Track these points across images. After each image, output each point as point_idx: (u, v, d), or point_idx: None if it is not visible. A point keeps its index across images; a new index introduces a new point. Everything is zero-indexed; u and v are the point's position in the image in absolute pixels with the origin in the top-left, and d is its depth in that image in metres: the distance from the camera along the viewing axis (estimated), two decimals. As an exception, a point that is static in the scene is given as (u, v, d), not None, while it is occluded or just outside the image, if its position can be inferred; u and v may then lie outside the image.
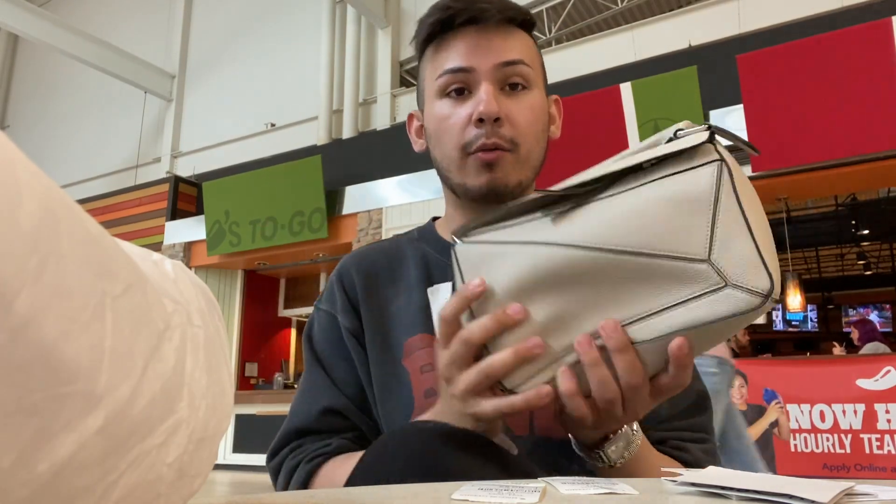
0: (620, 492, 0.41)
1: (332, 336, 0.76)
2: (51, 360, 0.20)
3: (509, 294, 0.53)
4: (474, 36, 0.71)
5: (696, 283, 0.47)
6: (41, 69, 11.09)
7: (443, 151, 0.74)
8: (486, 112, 0.68)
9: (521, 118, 0.71)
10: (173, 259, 0.31)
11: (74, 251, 0.21)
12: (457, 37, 0.72)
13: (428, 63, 0.75)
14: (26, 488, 0.20)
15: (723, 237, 0.47)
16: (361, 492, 0.44)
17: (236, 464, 6.70)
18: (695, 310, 0.48)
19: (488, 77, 0.70)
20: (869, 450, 3.94)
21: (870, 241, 11.13)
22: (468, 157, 0.71)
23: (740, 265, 0.46)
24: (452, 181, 0.75)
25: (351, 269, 0.79)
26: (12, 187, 0.19)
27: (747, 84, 4.58)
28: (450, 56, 0.72)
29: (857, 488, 0.40)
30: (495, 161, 0.70)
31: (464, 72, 0.71)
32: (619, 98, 5.02)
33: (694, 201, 0.47)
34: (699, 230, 0.47)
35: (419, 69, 0.79)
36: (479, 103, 0.69)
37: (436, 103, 0.74)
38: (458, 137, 0.71)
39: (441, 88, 0.73)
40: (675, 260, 0.47)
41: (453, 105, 0.72)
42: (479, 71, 0.71)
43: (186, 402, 0.27)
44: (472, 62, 0.71)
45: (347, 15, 7.83)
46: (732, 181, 0.48)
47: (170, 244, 7.63)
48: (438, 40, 0.74)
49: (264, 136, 8.21)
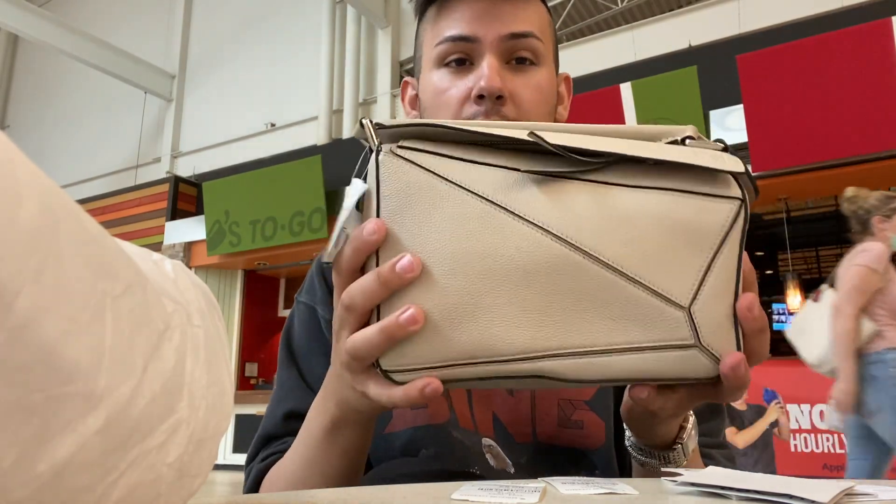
0: (620, 492, 0.41)
1: (311, 329, 0.71)
2: (51, 360, 0.20)
3: (442, 259, 0.39)
4: (482, 1, 0.63)
5: (664, 331, 0.39)
6: (41, 69, 11.09)
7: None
8: (488, 88, 0.61)
9: (527, 97, 0.64)
10: (173, 259, 0.31)
11: (74, 251, 0.21)
12: (463, 1, 0.64)
13: (428, 26, 0.67)
14: (26, 488, 0.20)
15: (710, 289, 0.39)
16: (361, 492, 0.43)
17: (236, 464, 6.70)
18: (654, 361, 0.39)
19: (493, 49, 0.63)
20: (869, 450, 3.94)
21: (870, 241, 11.12)
22: None
23: (715, 326, 0.39)
24: None
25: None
26: (12, 187, 0.19)
27: (747, 84, 4.58)
28: (452, 22, 0.64)
29: (857, 488, 0.40)
30: None
31: (466, 41, 0.63)
32: (619, 98, 5.02)
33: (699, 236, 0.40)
34: (689, 270, 0.39)
35: (417, 32, 0.71)
36: (480, 77, 0.62)
37: (433, 73, 0.66)
38: (455, 112, 0.64)
39: (440, 57, 0.65)
40: (653, 294, 0.39)
41: (452, 77, 0.65)
42: (483, 41, 0.63)
43: (186, 402, 0.27)
44: (476, 31, 0.63)
45: (347, 15, 7.83)
46: (744, 228, 0.40)
47: (170, 244, 7.63)
48: (441, 2, 0.66)
49: (264, 136, 8.21)
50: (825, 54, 4.40)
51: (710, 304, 0.39)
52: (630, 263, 0.39)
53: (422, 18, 0.69)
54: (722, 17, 5.57)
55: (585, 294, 0.39)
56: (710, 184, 0.40)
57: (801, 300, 7.13)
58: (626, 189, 0.40)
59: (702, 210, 0.40)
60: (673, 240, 0.39)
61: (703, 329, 0.39)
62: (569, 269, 0.39)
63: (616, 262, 0.39)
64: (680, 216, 0.40)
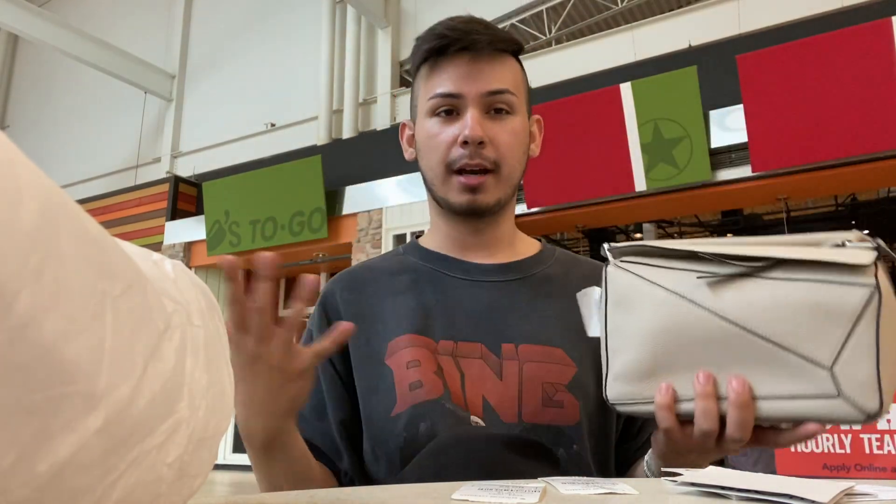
0: (620, 492, 0.41)
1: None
2: (51, 360, 0.20)
3: (641, 333, 0.57)
4: (466, 64, 0.78)
5: (811, 384, 0.51)
6: (41, 69, 11.09)
7: (429, 165, 0.80)
8: (471, 136, 0.75)
9: (504, 140, 0.78)
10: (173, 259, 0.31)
11: (74, 251, 0.21)
12: (450, 63, 0.78)
13: (422, 82, 0.81)
14: (26, 488, 0.20)
15: (849, 355, 0.50)
16: (361, 492, 0.43)
17: (236, 464, 6.70)
18: (802, 406, 0.52)
19: (475, 103, 0.77)
20: (869, 450, 3.94)
21: (870, 241, 11.12)
22: (451, 174, 0.78)
23: (857, 384, 0.50)
24: (436, 194, 0.81)
25: (335, 287, 0.83)
26: (12, 187, 0.19)
27: (747, 84, 4.58)
28: (442, 81, 0.78)
29: (857, 488, 0.40)
30: (477, 185, 0.77)
31: (453, 97, 0.77)
32: (619, 98, 5.02)
33: (838, 314, 0.51)
34: (831, 340, 0.51)
35: (413, 85, 0.85)
36: (465, 127, 0.76)
37: (427, 121, 0.80)
38: (444, 154, 0.77)
39: (432, 108, 0.79)
40: (801, 358, 0.51)
41: (442, 124, 0.78)
42: (467, 97, 0.77)
43: (186, 402, 0.27)
44: (461, 88, 0.77)
45: (347, 15, 7.83)
46: (879, 309, 0.50)
47: (170, 244, 7.63)
48: (432, 63, 0.80)
49: (264, 136, 8.21)
50: (825, 54, 4.40)
51: (850, 365, 0.50)
52: (784, 338, 0.52)
53: (416, 75, 0.83)
54: (722, 17, 5.57)
55: (750, 357, 0.53)
56: (850, 274, 0.51)
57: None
58: (778, 282, 0.53)
59: (841, 295, 0.51)
60: (818, 318, 0.51)
61: (843, 385, 0.50)
62: (737, 341, 0.53)
63: (773, 336, 0.52)
64: (822, 300, 0.51)
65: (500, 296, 0.78)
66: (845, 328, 0.50)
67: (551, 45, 6.97)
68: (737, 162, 4.76)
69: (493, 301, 0.78)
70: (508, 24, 7.03)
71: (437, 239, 0.86)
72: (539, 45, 6.99)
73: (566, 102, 5.17)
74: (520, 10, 7.13)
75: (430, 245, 0.86)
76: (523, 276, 0.82)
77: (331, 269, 7.69)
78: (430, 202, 0.86)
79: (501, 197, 0.80)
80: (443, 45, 0.78)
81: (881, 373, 0.50)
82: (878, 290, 0.51)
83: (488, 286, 0.79)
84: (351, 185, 6.60)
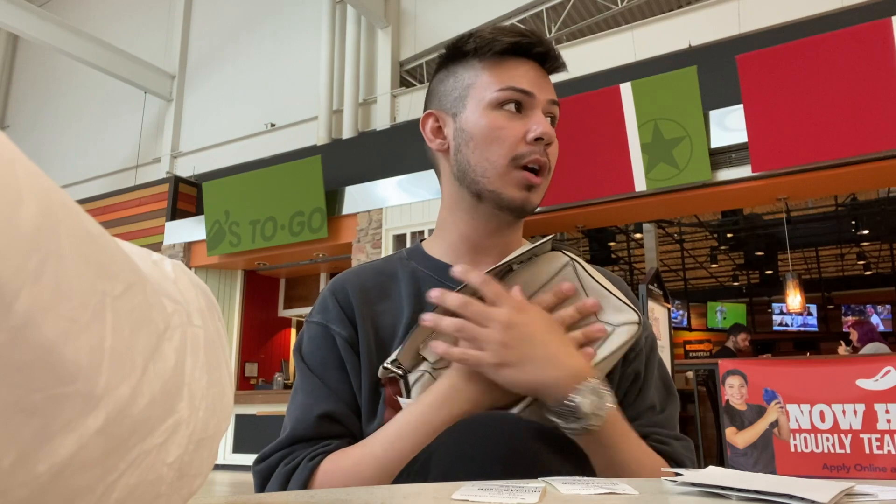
0: (621, 492, 0.41)
1: (324, 346, 0.78)
2: (51, 360, 0.20)
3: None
4: (537, 69, 0.81)
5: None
6: (41, 69, 11.09)
7: (486, 157, 0.79)
8: (547, 133, 0.78)
9: (554, 147, 0.82)
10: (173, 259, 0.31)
11: (74, 251, 0.21)
12: (525, 63, 0.81)
13: (485, 71, 0.80)
14: (26, 488, 0.20)
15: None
16: (361, 492, 0.43)
17: (236, 464, 6.70)
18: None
19: (542, 106, 0.80)
20: (869, 450, 3.94)
21: (870, 241, 11.13)
22: (516, 169, 0.78)
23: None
24: (483, 186, 0.79)
25: (345, 284, 0.82)
26: (12, 187, 0.19)
27: (747, 84, 4.58)
28: (516, 76, 0.79)
29: (857, 488, 0.40)
30: (537, 185, 0.79)
31: (528, 94, 0.79)
32: (619, 98, 5.02)
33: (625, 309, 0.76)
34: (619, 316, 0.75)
35: (454, 74, 0.83)
36: (539, 124, 0.78)
37: (490, 112, 0.79)
38: (511, 149, 0.78)
39: (500, 100, 0.79)
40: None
41: (509, 118, 0.78)
42: (538, 99, 0.79)
43: (186, 402, 0.27)
44: (535, 89, 0.79)
45: (347, 15, 7.83)
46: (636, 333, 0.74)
47: (170, 244, 7.62)
48: (502, 58, 0.80)
49: (264, 136, 8.21)
50: (825, 54, 4.40)
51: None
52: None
53: (462, 65, 0.82)
54: (722, 17, 5.57)
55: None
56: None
57: (800, 300, 7.12)
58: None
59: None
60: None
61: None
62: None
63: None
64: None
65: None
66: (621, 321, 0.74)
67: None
68: (737, 162, 4.76)
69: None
70: (508, 24, 7.02)
71: (444, 245, 0.85)
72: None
73: (566, 102, 5.16)
74: (520, 10, 7.13)
75: (435, 252, 0.85)
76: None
77: (331, 269, 7.69)
78: (452, 198, 0.84)
79: (538, 202, 0.82)
80: (526, 42, 0.80)
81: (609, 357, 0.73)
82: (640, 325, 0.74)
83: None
84: (351, 185, 6.60)
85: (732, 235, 10.67)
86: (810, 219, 9.95)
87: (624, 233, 10.29)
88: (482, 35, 0.80)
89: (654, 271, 4.96)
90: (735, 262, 12.47)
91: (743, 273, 13.04)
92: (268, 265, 7.69)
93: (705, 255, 12.10)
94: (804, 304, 8.44)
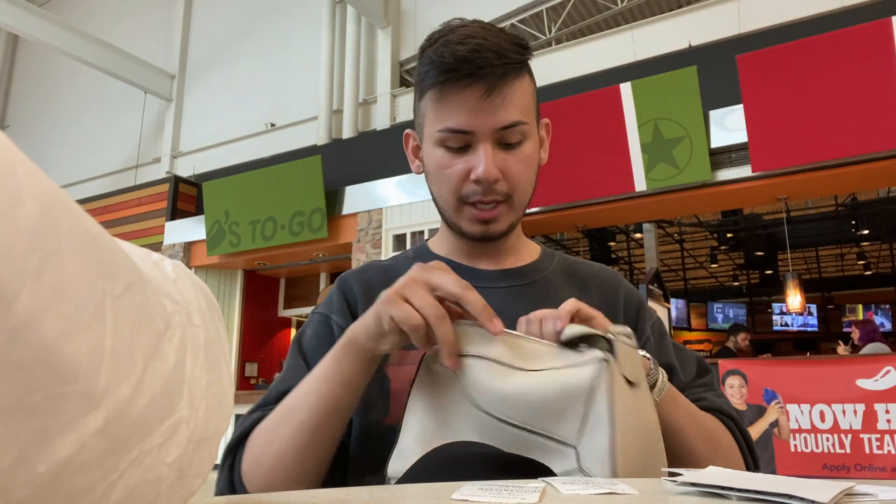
0: (620, 492, 0.41)
1: (322, 334, 0.79)
2: (51, 360, 0.20)
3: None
4: (476, 99, 0.72)
5: (560, 462, 0.56)
6: (41, 69, 11.09)
7: (440, 194, 0.79)
8: (485, 177, 0.73)
9: (516, 172, 0.76)
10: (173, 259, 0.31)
11: (74, 251, 0.21)
12: (459, 95, 0.72)
13: (429, 105, 0.76)
14: (26, 488, 0.20)
15: (590, 428, 0.54)
16: (361, 492, 0.44)
17: (236, 464, 6.69)
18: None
19: (487, 138, 0.73)
20: (869, 450, 3.94)
21: (870, 241, 11.13)
22: (464, 205, 0.77)
23: (595, 459, 0.53)
24: (448, 218, 0.81)
25: (350, 279, 0.84)
26: (12, 187, 0.19)
27: (747, 84, 4.58)
28: (451, 114, 0.73)
29: (857, 488, 0.40)
30: (491, 218, 0.77)
31: (463, 133, 0.73)
32: (619, 98, 5.02)
33: (576, 393, 0.55)
34: (574, 418, 0.55)
35: (418, 102, 0.80)
36: (478, 164, 0.73)
37: (435, 150, 0.77)
38: (456, 188, 0.76)
39: (441, 141, 0.75)
40: (552, 440, 0.56)
41: (451, 157, 0.75)
42: (478, 133, 0.73)
43: (186, 402, 0.27)
44: (472, 125, 0.73)
45: (347, 15, 7.82)
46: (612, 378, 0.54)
47: (170, 244, 7.62)
48: (440, 91, 0.74)
49: (264, 136, 8.21)
50: (825, 54, 4.39)
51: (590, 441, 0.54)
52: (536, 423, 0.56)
53: (423, 94, 0.78)
54: (722, 17, 5.57)
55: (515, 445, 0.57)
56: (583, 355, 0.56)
57: (800, 300, 7.12)
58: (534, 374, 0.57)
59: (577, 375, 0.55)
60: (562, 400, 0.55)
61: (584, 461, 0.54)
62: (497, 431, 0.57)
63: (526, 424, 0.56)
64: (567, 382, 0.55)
65: (507, 302, 0.78)
66: (582, 404, 0.54)
67: (551, 45, 6.97)
68: (737, 162, 4.76)
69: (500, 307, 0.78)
70: (508, 24, 7.02)
71: (446, 245, 0.87)
72: (539, 45, 6.99)
73: (566, 102, 5.17)
74: (520, 10, 7.13)
75: (439, 250, 0.87)
76: (528, 281, 0.83)
77: (331, 269, 7.69)
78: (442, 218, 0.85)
79: (514, 221, 0.80)
80: (450, 78, 0.72)
81: (616, 444, 0.52)
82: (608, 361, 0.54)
83: (494, 293, 0.79)
84: (351, 185, 6.60)
85: (732, 235, 10.68)
86: (810, 219, 9.95)
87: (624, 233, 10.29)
88: (426, 57, 0.74)
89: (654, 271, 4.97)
90: (735, 262, 12.47)
91: (743, 273, 13.04)
92: (268, 265, 7.69)
93: (705, 255, 12.10)
94: (804, 304, 8.43)
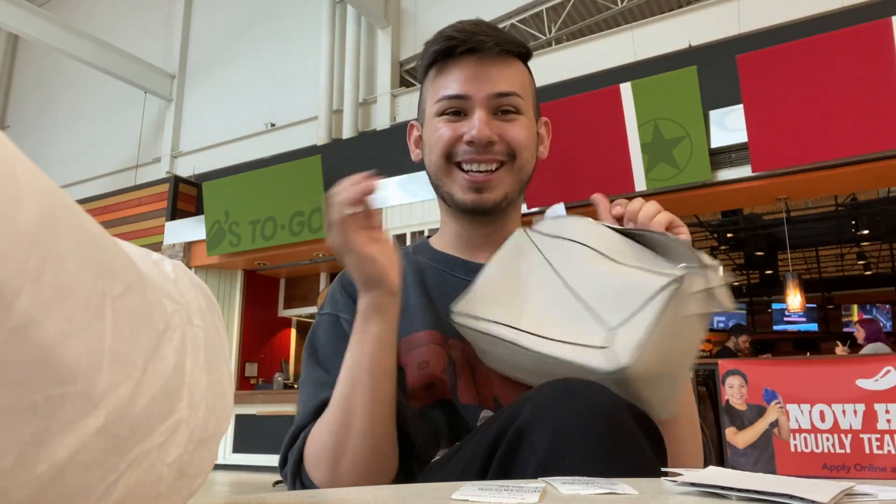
0: (620, 492, 0.41)
1: (334, 335, 0.80)
2: (51, 360, 0.20)
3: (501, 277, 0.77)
4: (473, 66, 0.79)
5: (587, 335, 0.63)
6: (41, 69, 11.08)
7: (431, 159, 0.82)
8: (478, 137, 0.77)
9: (515, 134, 0.80)
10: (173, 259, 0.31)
11: (74, 251, 0.21)
12: (457, 65, 0.80)
13: (429, 85, 0.83)
14: (26, 488, 0.20)
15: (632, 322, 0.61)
16: (361, 492, 0.44)
17: (236, 464, 6.70)
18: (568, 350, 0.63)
19: (482, 105, 0.78)
20: (869, 450, 3.94)
21: (870, 241, 11.13)
22: (453, 166, 0.80)
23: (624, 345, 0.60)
24: (442, 189, 0.83)
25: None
26: (12, 187, 0.19)
27: (747, 84, 4.58)
28: (449, 83, 0.80)
29: (857, 488, 0.40)
30: (484, 183, 0.79)
31: (460, 98, 0.79)
32: (619, 98, 5.02)
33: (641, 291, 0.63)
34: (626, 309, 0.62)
35: (421, 88, 0.87)
36: (472, 128, 0.77)
37: (434, 120, 0.82)
38: (446, 148, 0.80)
39: (439, 110, 0.81)
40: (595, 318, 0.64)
41: (448, 124, 0.80)
42: (474, 99, 0.78)
43: (186, 402, 0.27)
44: (468, 90, 0.78)
45: (347, 15, 7.82)
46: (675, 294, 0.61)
47: (170, 244, 7.62)
48: (440, 66, 0.81)
49: (264, 136, 8.21)
50: (825, 54, 4.39)
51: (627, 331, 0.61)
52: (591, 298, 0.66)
53: (425, 77, 0.85)
54: (722, 17, 5.56)
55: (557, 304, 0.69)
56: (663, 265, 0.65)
57: (800, 300, 7.12)
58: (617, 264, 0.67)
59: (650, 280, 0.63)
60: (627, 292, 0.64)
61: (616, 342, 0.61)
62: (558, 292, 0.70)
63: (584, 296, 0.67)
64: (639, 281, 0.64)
65: None
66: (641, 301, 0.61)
67: (551, 45, 6.97)
68: (737, 162, 4.76)
69: None
70: (508, 24, 7.02)
71: (445, 238, 0.88)
72: (539, 45, 6.99)
73: (566, 102, 5.17)
74: (520, 10, 7.13)
75: (439, 245, 0.88)
76: None
77: (331, 269, 7.68)
78: (439, 202, 0.87)
79: (509, 192, 0.80)
80: (449, 46, 0.79)
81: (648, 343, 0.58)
82: (679, 281, 0.60)
83: None
84: (351, 185, 6.59)
85: (732, 235, 10.67)
86: (810, 219, 9.94)
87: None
88: (429, 42, 0.82)
89: (654, 271, 4.96)
90: (735, 262, 12.47)
91: (743, 273, 13.04)
92: (268, 265, 7.69)
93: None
94: (804, 304, 8.43)
